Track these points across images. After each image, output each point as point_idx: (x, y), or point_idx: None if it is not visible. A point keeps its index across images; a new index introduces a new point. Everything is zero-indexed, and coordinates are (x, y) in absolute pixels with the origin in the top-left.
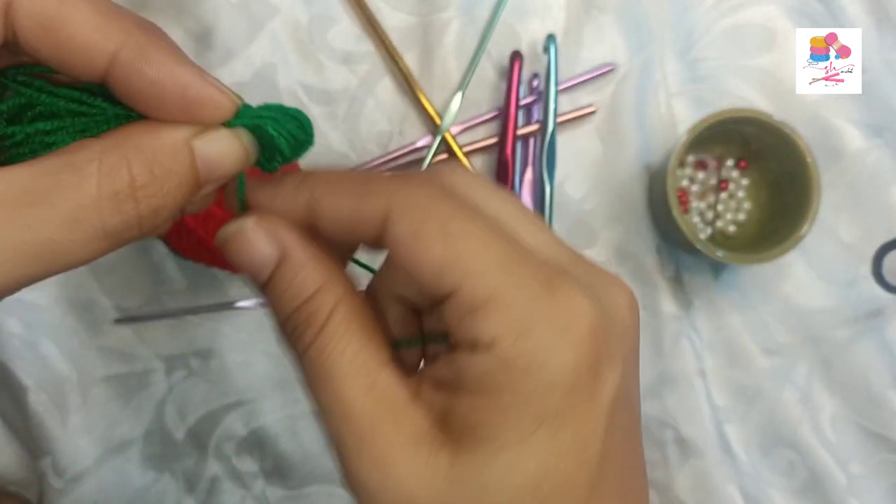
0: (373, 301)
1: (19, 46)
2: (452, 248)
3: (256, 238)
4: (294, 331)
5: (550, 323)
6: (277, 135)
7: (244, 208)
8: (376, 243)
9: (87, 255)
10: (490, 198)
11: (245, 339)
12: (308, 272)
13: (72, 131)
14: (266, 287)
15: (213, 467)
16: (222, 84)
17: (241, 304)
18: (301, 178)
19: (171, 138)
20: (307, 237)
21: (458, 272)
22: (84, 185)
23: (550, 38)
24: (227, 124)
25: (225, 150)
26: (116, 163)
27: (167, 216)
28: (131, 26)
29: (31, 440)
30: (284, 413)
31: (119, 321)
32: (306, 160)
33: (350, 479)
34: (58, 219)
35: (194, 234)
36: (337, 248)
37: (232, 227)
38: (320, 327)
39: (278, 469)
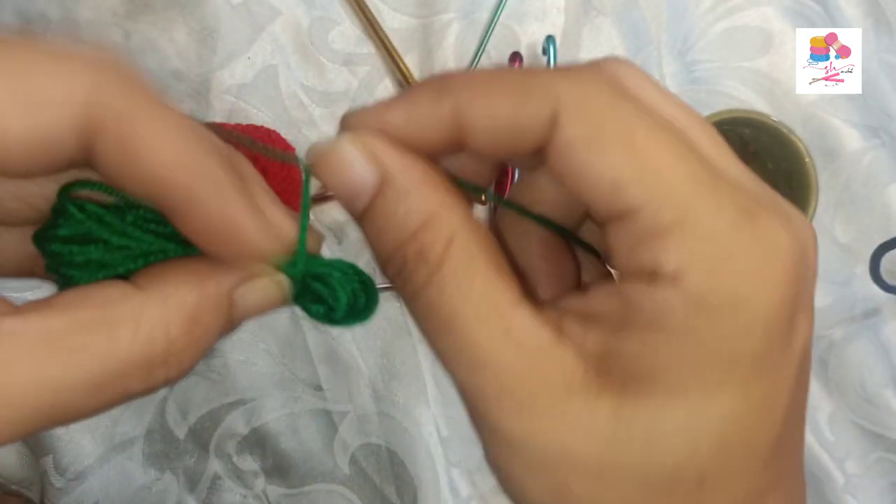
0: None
1: (97, 167)
2: (637, 159)
3: (352, 158)
4: (402, 269)
5: (751, 257)
6: (340, 287)
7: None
8: (534, 155)
9: (98, 412)
10: (664, 102)
11: (247, 338)
12: (416, 198)
13: (130, 259)
14: (363, 218)
15: (215, 466)
16: (284, 215)
17: None
18: (438, 84)
19: (215, 291)
20: (414, 157)
21: (641, 188)
22: (115, 352)
23: (549, 39)
24: (288, 268)
25: (264, 300)
26: (156, 325)
27: (192, 368)
28: (210, 163)
29: (33, 439)
30: (285, 412)
31: None
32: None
33: (490, 433)
34: (79, 382)
35: None
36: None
37: (323, 146)
38: (437, 264)
39: (279, 468)
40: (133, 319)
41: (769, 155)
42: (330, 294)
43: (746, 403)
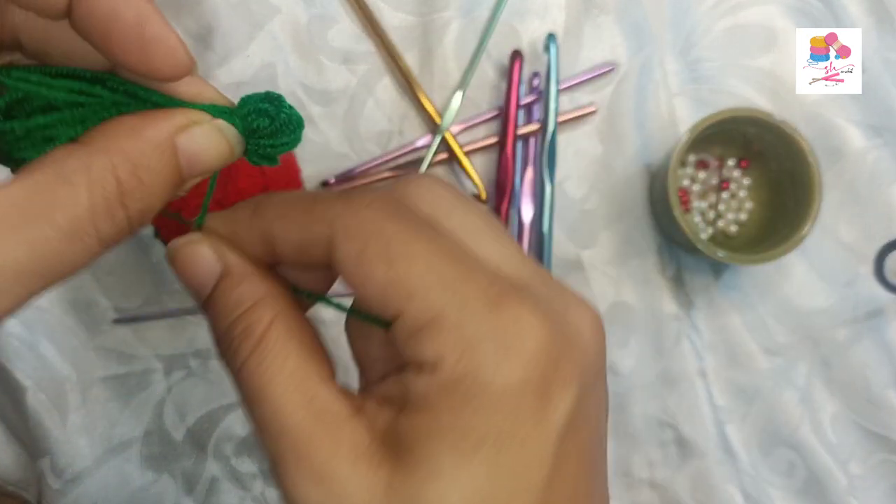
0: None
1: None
2: (395, 269)
3: (201, 252)
4: (231, 345)
5: (495, 342)
6: (281, 97)
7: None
8: (329, 267)
9: (85, 262)
10: (452, 211)
11: None
12: (247, 285)
13: (71, 123)
14: (207, 303)
15: (212, 468)
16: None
17: None
18: (255, 204)
19: (155, 137)
20: (248, 258)
21: (401, 294)
22: (78, 198)
23: (551, 37)
24: (226, 111)
25: (208, 144)
26: (103, 170)
27: (154, 212)
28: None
29: (30, 440)
30: None
31: (118, 321)
32: (310, 161)
33: (288, 497)
34: (58, 233)
35: None
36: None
37: (180, 241)
38: (257, 340)
39: None
40: (83, 170)
41: (773, 154)
42: (276, 109)
43: (494, 476)
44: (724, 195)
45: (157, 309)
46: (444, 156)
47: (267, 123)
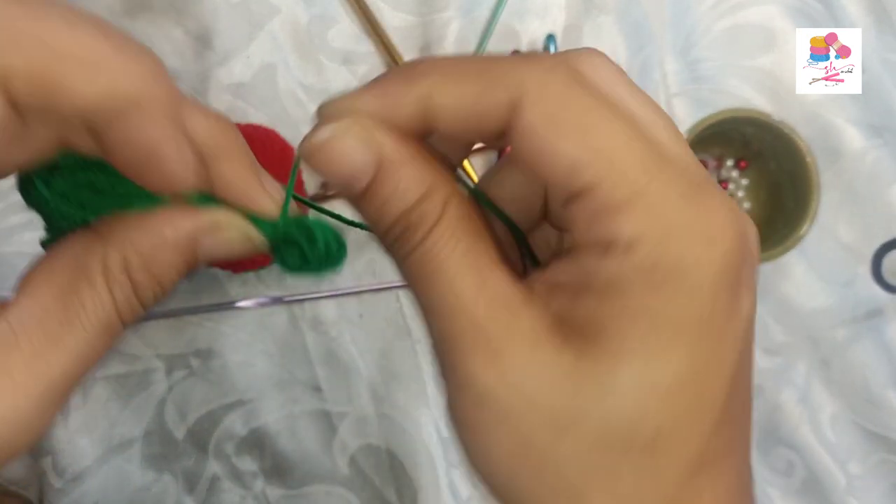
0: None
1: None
2: (592, 140)
3: (348, 147)
4: (403, 234)
5: (698, 229)
6: (321, 237)
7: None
8: (499, 138)
9: (114, 344)
10: (630, 96)
11: (245, 339)
12: (413, 176)
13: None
14: (363, 197)
15: (213, 467)
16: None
17: (241, 303)
18: (408, 71)
19: (173, 235)
20: (404, 136)
21: (597, 167)
22: (103, 300)
23: (550, 37)
24: (267, 227)
25: (233, 248)
26: (118, 271)
27: (168, 294)
28: (215, 132)
29: None
30: (284, 413)
31: None
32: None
33: (460, 386)
34: (93, 334)
35: None
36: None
37: (316, 138)
38: (430, 229)
39: (278, 469)
40: (102, 271)
41: (772, 154)
42: (308, 244)
43: (693, 364)
44: None
45: (158, 308)
46: None
47: (297, 263)
